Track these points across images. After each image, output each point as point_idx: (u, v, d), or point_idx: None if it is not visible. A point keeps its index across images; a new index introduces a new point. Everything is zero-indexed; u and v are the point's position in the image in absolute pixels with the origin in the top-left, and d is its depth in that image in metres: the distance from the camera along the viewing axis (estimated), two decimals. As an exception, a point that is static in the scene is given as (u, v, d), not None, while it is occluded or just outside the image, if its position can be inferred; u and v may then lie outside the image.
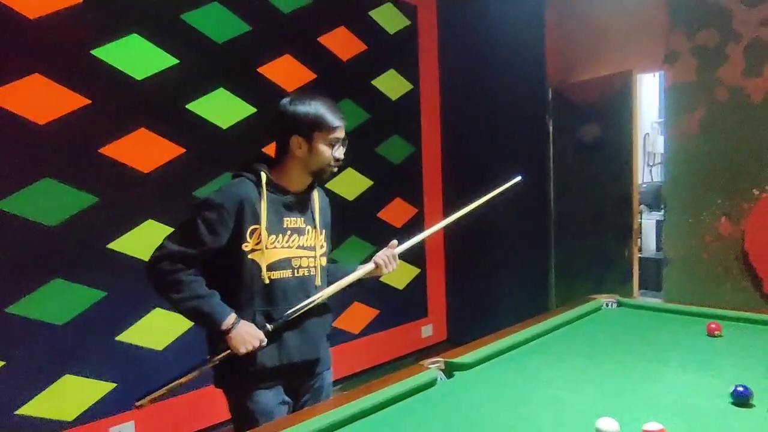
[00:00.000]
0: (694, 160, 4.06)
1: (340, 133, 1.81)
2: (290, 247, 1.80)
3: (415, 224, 4.47)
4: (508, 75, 4.53)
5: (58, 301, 2.64)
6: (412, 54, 4.43)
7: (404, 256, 4.41)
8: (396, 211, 4.33)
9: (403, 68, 4.34)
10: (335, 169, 1.86)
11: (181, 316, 1.75)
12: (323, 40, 3.81)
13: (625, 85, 4.30)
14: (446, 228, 4.77)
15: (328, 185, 3.82)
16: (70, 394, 2.69)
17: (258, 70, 3.45)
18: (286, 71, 3.58)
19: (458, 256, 4.75)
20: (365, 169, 4.08)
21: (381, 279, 2.09)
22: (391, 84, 4.27)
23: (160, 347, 2.99)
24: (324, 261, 1.93)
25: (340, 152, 1.83)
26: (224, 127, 3.28)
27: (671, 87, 4.14)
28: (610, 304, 2.63)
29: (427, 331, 4.57)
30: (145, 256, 1.76)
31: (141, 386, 1.79)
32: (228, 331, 1.69)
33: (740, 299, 3.83)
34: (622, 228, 4.41)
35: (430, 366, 1.85)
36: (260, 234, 1.73)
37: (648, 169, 7.12)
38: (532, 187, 4.71)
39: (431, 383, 1.76)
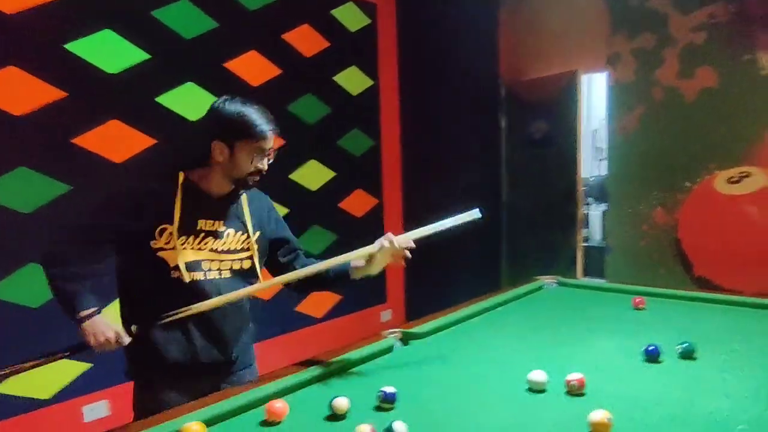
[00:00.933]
0: (634, 154, 4.39)
1: (267, 144, 1.68)
2: (201, 249, 1.70)
3: (375, 214, 4.69)
4: (464, 72, 4.78)
5: (31, 286, 2.75)
6: (372, 51, 4.63)
7: (365, 245, 4.64)
8: (357, 202, 4.53)
9: (363, 65, 4.54)
10: (257, 179, 1.74)
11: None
12: (287, 36, 3.97)
13: (571, 84, 4.60)
14: (405, 217, 5.01)
15: (291, 176, 4.01)
16: (46, 373, 2.80)
17: (224, 65, 3.59)
18: (251, 66, 3.73)
19: (416, 245, 4.98)
20: (327, 161, 4.27)
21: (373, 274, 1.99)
22: (351, 80, 4.46)
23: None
24: (248, 264, 1.80)
25: (263, 164, 1.70)
26: (193, 120, 3.42)
27: (613, 86, 4.45)
28: (551, 284, 2.89)
29: (386, 315, 4.80)
30: None
31: (117, 365, 1.84)
32: (82, 320, 1.61)
33: (674, 282, 4.16)
34: (568, 218, 4.72)
35: (387, 336, 2.07)
36: (171, 234, 1.65)
37: (597, 163, 7.50)
38: (485, 179, 4.99)
39: (388, 350, 1.98)
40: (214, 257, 1.72)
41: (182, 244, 1.66)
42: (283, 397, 1.56)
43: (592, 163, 7.33)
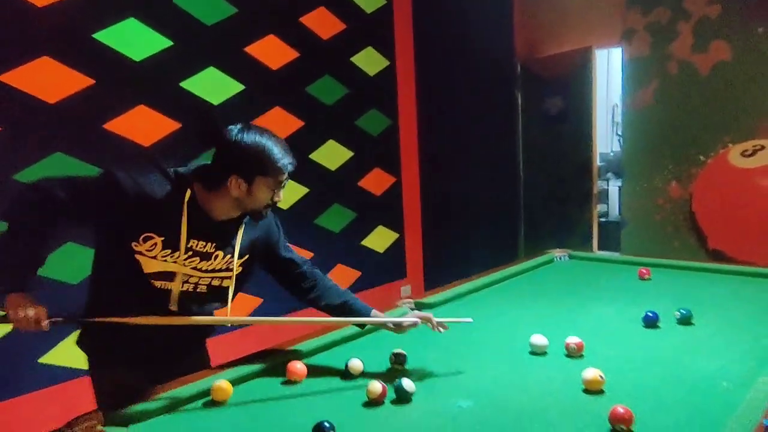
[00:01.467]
0: (649, 129, 4.42)
1: (286, 176, 1.59)
2: (184, 266, 1.58)
3: (394, 192, 4.80)
4: (480, 51, 4.84)
5: (70, 264, 2.93)
6: (388, 32, 4.69)
7: (385, 222, 4.76)
8: (375, 180, 4.65)
9: (379, 45, 4.61)
10: (270, 209, 1.66)
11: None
12: (304, 20, 4.06)
13: (585, 60, 4.63)
14: (423, 194, 5.13)
15: (311, 156, 4.14)
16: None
17: (245, 49, 3.71)
18: (270, 50, 3.84)
19: (434, 221, 5.10)
20: (346, 141, 4.38)
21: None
22: (368, 61, 4.54)
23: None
24: (227, 283, 1.68)
25: (280, 195, 1.62)
26: (215, 103, 3.55)
27: (628, 61, 4.48)
28: (561, 257, 3.00)
29: (406, 290, 4.94)
30: None
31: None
32: (9, 291, 1.48)
33: (688, 255, 4.22)
34: (584, 193, 4.79)
35: (402, 305, 2.20)
36: (155, 244, 1.53)
37: (617, 138, 7.49)
38: (502, 155, 5.07)
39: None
40: (194, 273, 1.60)
41: (164, 257, 1.54)
42: (303, 359, 1.71)
43: (612, 138, 7.32)
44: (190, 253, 1.58)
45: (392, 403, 1.46)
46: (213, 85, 3.54)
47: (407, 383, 1.47)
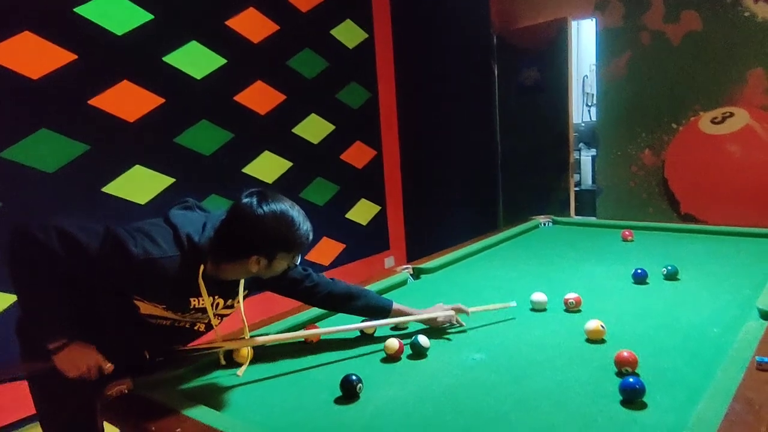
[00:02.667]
0: (623, 98, 4.54)
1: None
2: (183, 317, 1.53)
3: (375, 165, 4.86)
4: (456, 22, 4.88)
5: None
6: (366, 3, 4.70)
7: (367, 195, 4.80)
8: (357, 154, 4.69)
9: (357, 17, 4.62)
10: None
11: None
12: (283, -8, 4.05)
13: (561, 31, 4.71)
14: (403, 167, 5.20)
15: (294, 130, 4.16)
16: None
17: (226, 23, 3.68)
18: (251, 24, 3.82)
19: (415, 193, 5.18)
20: (327, 115, 4.40)
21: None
22: (347, 33, 4.54)
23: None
24: (216, 322, 1.57)
25: (297, 261, 1.56)
26: (198, 78, 3.53)
27: (602, 32, 4.57)
28: (546, 223, 3.10)
29: (389, 262, 5.03)
30: (137, 198, 1.74)
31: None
32: (53, 351, 1.40)
33: (662, 220, 4.39)
34: (560, 162, 4.91)
35: (401, 271, 2.28)
36: (159, 307, 1.48)
37: (587, 109, 7.64)
38: (480, 126, 5.15)
39: (403, 282, 2.19)
40: (193, 319, 1.56)
41: (165, 310, 1.49)
42: (317, 322, 1.77)
43: (582, 109, 7.46)
44: (193, 311, 1.51)
45: (409, 358, 1.54)
46: (195, 60, 3.51)
47: (422, 339, 1.55)
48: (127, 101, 3.21)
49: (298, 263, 1.58)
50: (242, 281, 1.56)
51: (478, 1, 4.97)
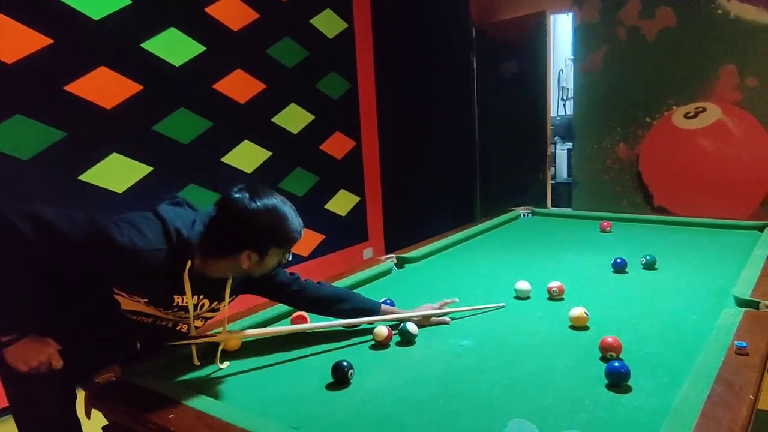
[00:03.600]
0: (598, 93, 4.61)
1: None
2: (165, 315, 1.49)
3: (355, 156, 4.85)
4: (436, 14, 4.90)
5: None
6: (346, -7, 4.69)
7: (347, 186, 4.80)
8: (337, 144, 4.68)
9: (337, 7, 4.60)
10: None
11: None
12: (264, -20, 4.00)
13: (539, 25, 4.76)
14: (382, 158, 5.20)
15: (273, 120, 4.13)
16: None
17: (205, 10, 3.64)
18: (231, 11, 3.78)
19: (394, 184, 5.19)
20: (307, 104, 4.38)
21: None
22: (327, 23, 4.52)
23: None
24: (199, 324, 1.56)
25: (289, 257, 1.54)
26: (177, 65, 3.48)
27: (579, 27, 4.63)
28: (526, 214, 3.15)
29: (368, 253, 5.04)
30: (114, 186, 1.73)
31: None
32: (5, 344, 1.34)
33: (635, 213, 4.48)
34: (538, 154, 4.97)
35: (385, 260, 2.29)
36: (141, 301, 1.44)
37: (562, 103, 7.74)
38: (458, 118, 5.18)
39: (388, 271, 2.21)
40: (177, 318, 1.52)
41: (148, 306, 1.45)
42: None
43: (557, 102, 7.55)
44: (176, 308, 1.48)
45: (398, 345, 1.55)
46: (174, 47, 3.47)
47: (411, 326, 1.56)
48: (105, 88, 3.15)
49: (290, 259, 1.55)
50: (230, 282, 1.52)
51: (457, -7, 4.99)
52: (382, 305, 1.72)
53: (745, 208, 4.05)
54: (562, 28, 7.04)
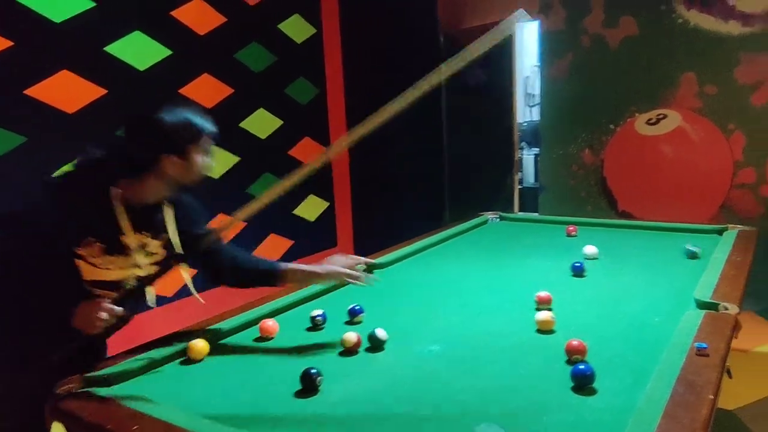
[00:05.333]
0: (564, 99, 4.70)
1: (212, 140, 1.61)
2: (123, 268, 1.56)
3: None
4: (404, 21, 4.93)
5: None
6: (315, -1, 4.68)
7: (316, 191, 4.77)
8: (305, 149, 4.66)
9: (306, 12, 4.59)
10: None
11: None
12: (230, -16, 3.98)
13: (506, 33, 4.82)
14: (351, 163, 5.19)
15: (241, 125, 4.10)
16: None
17: (171, 13, 3.59)
18: (197, 15, 3.74)
19: (363, 190, 5.20)
20: (275, 110, 4.35)
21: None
22: (295, 28, 4.51)
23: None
24: (153, 270, 1.63)
25: (210, 154, 1.61)
26: (141, 69, 3.43)
27: (545, 34, 4.71)
28: (494, 219, 3.18)
29: (337, 258, 5.02)
30: None
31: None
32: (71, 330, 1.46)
33: (600, 217, 4.56)
34: (505, 161, 5.03)
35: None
36: (96, 250, 1.50)
37: (528, 109, 7.85)
38: (427, 124, 5.22)
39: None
40: (135, 273, 1.57)
41: (106, 265, 1.51)
42: (273, 317, 1.76)
43: (524, 109, 7.66)
44: (126, 251, 1.52)
45: (367, 351, 1.55)
46: (138, 50, 3.41)
47: (380, 332, 1.56)
48: (67, 92, 3.08)
49: (213, 165, 1.61)
50: (170, 213, 1.58)
51: (426, 2, 5.03)
52: (288, 266, 1.78)
53: (706, 212, 4.17)
54: (528, 36, 7.15)
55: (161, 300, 1.86)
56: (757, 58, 3.87)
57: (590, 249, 2.36)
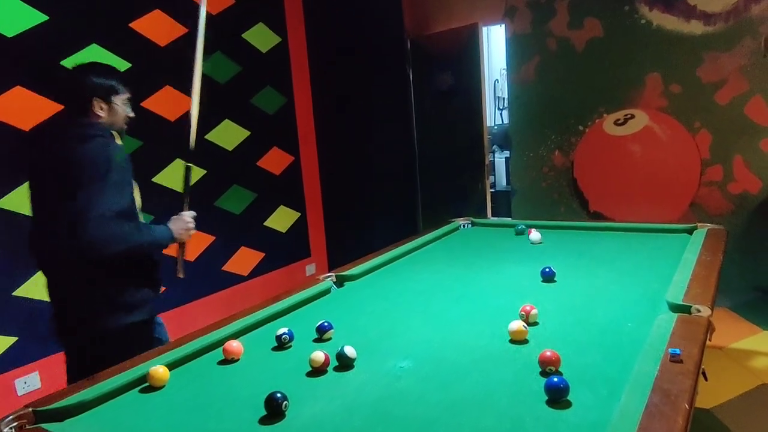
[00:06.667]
0: (532, 102, 4.71)
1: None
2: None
3: (293, 171, 4.77)
4: (370, 27, 4.89)
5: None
6: (279, 6, 4.62)
7: (286, 202, 4.71)
8: (274, 160, 4.59)
9: (270, 21, 4.53)
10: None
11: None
12: (192, -6, 3.89)
13: (472, 37, 4.82)
14: (322, 173, 5.13)
15: (207, 137, 4.02)
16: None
17: (130, 25, 3.50)
18: (157, 26, 3.65)
19: (335, 199, 5.14)
20: (242, 120, 4.28)
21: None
22: (260, 37, 4.44)
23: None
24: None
25: (126, 97, 2.04)
26: (100, 83, 3.33)
27: (511, 38, 4.72)
28: (465, 225, 3.15)
29: (311, 269, 4.95)
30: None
31: (44, 335, 1.99)
32: (172, 237, 2.04)
33: (573, 218, 4.58)
34: (477, 164, 5.02)
35: (324, 279, 2.23)
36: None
37: (499, 112, 7.88)
38: (397, 130, 5.18)
39: (326, 291, 2.14)
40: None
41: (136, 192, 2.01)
42: (238, 338, 1.69)
43: (494, 112, 7.69)
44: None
45: (336, 370, 1.50)
46: (97, 63, 3.31)
47: (349, 349, 1.51)
48: (21, 108, 2.98)
49: (131, 114, 2.09)
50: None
51: (391, 6, 5.00)
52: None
53: (676, 210, 4.20)
54: (495, 39, 7.18)
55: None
56: (720, 57, 3.92)
57: (535, 235, 2.66)
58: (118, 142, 1.97)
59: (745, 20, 3.81)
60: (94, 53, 3.30)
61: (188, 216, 2.11)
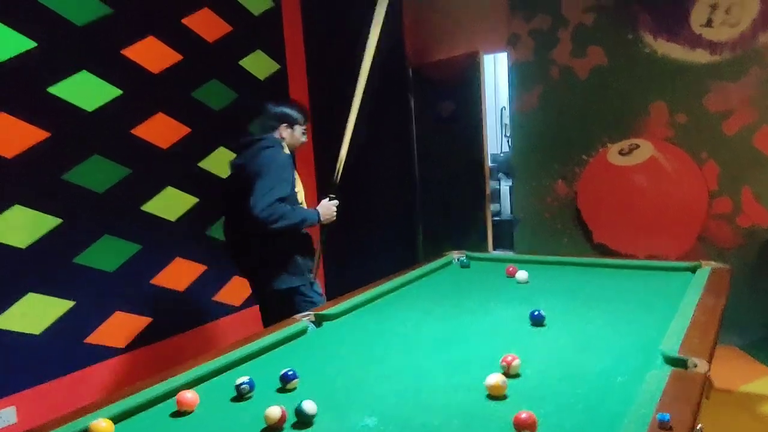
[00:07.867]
0: (535, 131, 4.60)
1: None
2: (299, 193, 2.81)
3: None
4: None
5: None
6: (278, 35, 4.57)
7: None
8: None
9: (269, 49, 4.48)
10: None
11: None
12: (187, 21, 3.83)
13: (473, 64, 4.75)
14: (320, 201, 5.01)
15: (200, 164, 3.94)
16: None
17: (122, 52, 3.45)
18: (150, 53, 3.59)
19: (333, 229, 5.02)
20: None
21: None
22: (258, 64, 4.39)
23: (37, 332, 3.00)
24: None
25: (304, 127, 3.03)
26: (90, 110, 3.28)
27: (513, 66, 4.64)
28: (458, 259, 3.02)
29: (306, 300, 4.82)
30: (15, 242, 1.79)
31: (21, 369, 1.86)
32: (319, 218, 2.81)
33: (576, 250, 4.44)
34: (478, 193, 4.90)
35: (301, 319, 2.11)
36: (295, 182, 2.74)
37: (505, 139, 7.78)
38: (398, 158, 5.09)
39: (302, 332, 2.02)
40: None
41: (297, 189, 2.84)
42: (193, 387, 1.58)
43: (501, 139, 7.59)
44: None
45: (294, 427, 1.37)
46: (86, 90, 3.26)
47: (308, 405, 1.38)
48: (5, 135, 2.92)
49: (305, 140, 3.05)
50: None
51: (392, 35, 4.95)
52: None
53: (683, 243, 4.05)
54: (502, 66, 7.11)
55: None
56: (727, 87, 3.80)
57: (521, 274, 2.57)
58: (286, 151, 2.77)
59: (753, 50, 3.70)
60: (84, 80, 3.25)
61: (333, 204, 2.92)
